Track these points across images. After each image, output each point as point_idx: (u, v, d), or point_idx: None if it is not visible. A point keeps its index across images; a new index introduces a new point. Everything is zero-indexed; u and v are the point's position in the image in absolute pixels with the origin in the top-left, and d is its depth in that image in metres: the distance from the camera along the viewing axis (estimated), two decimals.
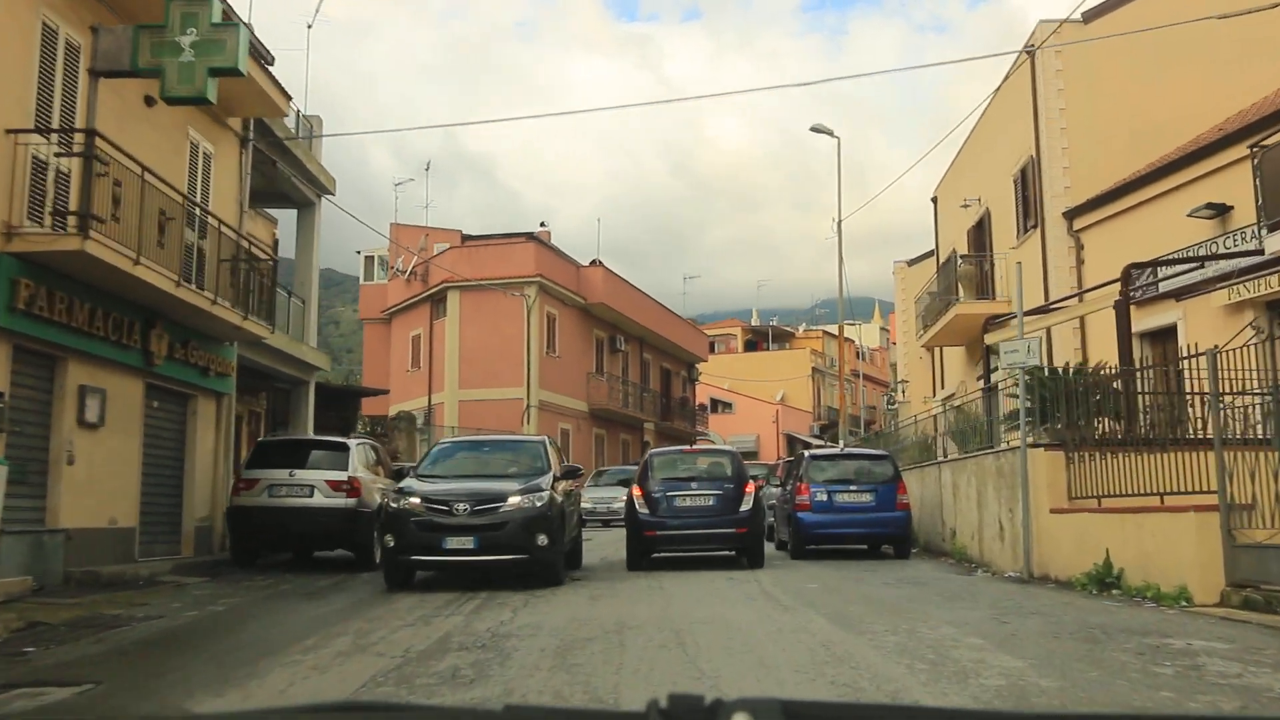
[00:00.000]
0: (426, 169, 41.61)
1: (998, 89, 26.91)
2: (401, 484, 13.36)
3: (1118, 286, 17.51)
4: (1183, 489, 10.12)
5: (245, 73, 11.89)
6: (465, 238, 42.56)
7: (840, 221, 30.05)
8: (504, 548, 12.34)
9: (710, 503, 16.35)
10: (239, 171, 18.82)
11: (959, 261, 27.04)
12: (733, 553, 16.80)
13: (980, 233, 28.72)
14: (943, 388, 34.61)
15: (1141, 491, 10.84)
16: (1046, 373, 13.73)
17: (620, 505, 26.88)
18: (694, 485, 16.71)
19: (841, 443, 27.26)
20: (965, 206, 29.23)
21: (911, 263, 44.43)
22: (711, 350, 71.70)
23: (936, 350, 35.22)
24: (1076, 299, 20.66)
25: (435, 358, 39.15)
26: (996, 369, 20.00)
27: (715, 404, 70.69)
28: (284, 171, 20.89)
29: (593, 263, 42.25)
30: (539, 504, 12.68)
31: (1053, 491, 12.73)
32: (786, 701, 1.16)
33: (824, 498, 16.73)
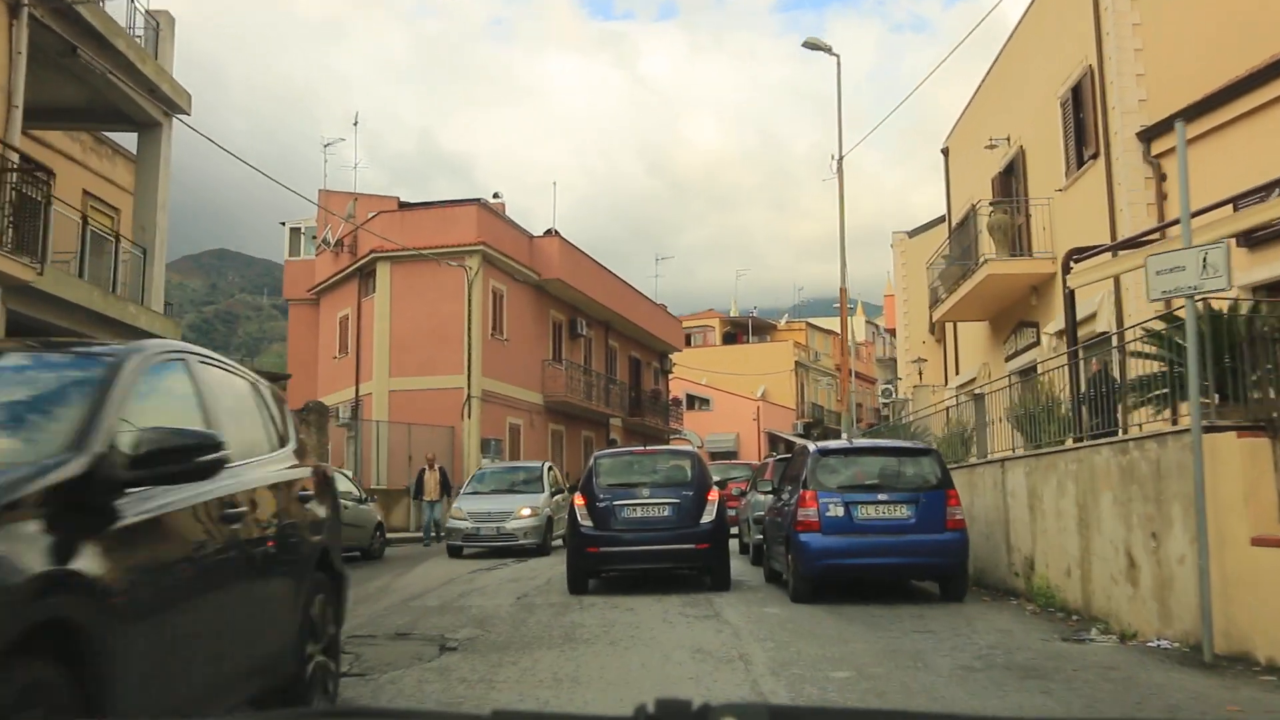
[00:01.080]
0: (355, 124, 35.83)
1: (1030, 5, 21.73)
2: None
3: (1229, 210, 12.26)
4: None
5: None
6: (403, 205, 36.98)
7: (841, 158, 24.67)
8: None
9: (666, 514, 13.69)
10: (7, 50, 13.30)
11: (988, 210, 21.74)
12: (694, 570, 14.29)
13: (1010, 179, 23.46)
14: (957, 374, 29.35)
15: None
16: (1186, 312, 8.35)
17: (518, 525, 20.40)
18: (646, 493, 13.97)
19: (846, 435, 22.00)
20: (991, 147, 23.95)
21: (913, 233, 39.17)
22: (688, 343, 66.56)
23: (950, 330, 29.97)
24: (1159, 235, 15.42)
25: (364, 342, 33.62)
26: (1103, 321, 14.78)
27: (691, 400, 65.41)
28: (92, 66, 15.35)
29: (547, 233, 36.78)
30: None
31: (1256, 507, 7.37)
32: (774, 706, 1.21)
33: (839, 512, 11.32)
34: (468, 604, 12.30)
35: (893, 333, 49.83)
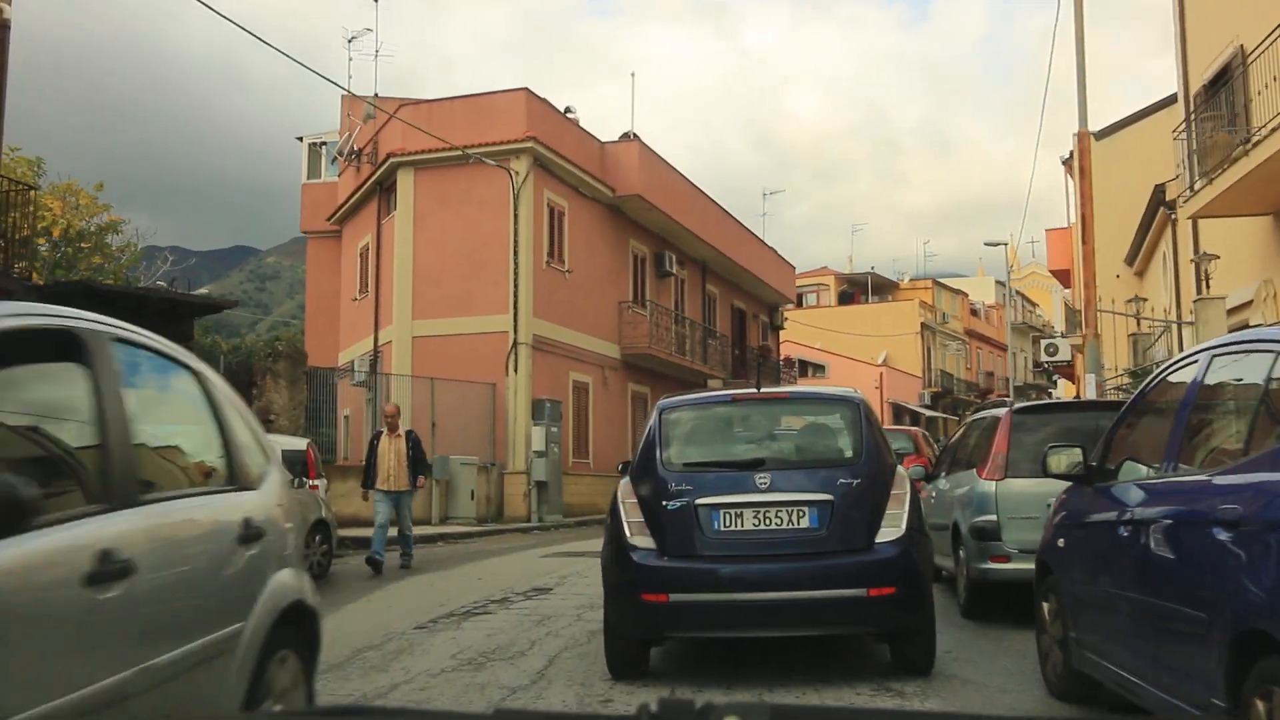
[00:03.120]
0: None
1: None
2: None
3: None
4: None
5: None
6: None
7: None
8: None
9: (804, 523, 6.32)
10: None
11: None
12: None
13: None
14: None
15: None
16: None
17: None
18: (764, 480, 6.40)
19: (1091, 383, 13.40)
20: None
21: (1102, 135, 30.04)
22: (799, 304, 58.40)
23: (1186, 240, 21.03)
24: None
25: (384, 276, 25.89)
26: None
27: (805, 366, 57.00)
28: None
29: (624, 136, 28.57)
30: None
31: None
32: (776, 706, 1.16)
33: None
34: None
35: (1062, 278, 40.44)
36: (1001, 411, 9.06)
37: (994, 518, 8.32)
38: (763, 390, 7.19)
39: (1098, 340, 14.62)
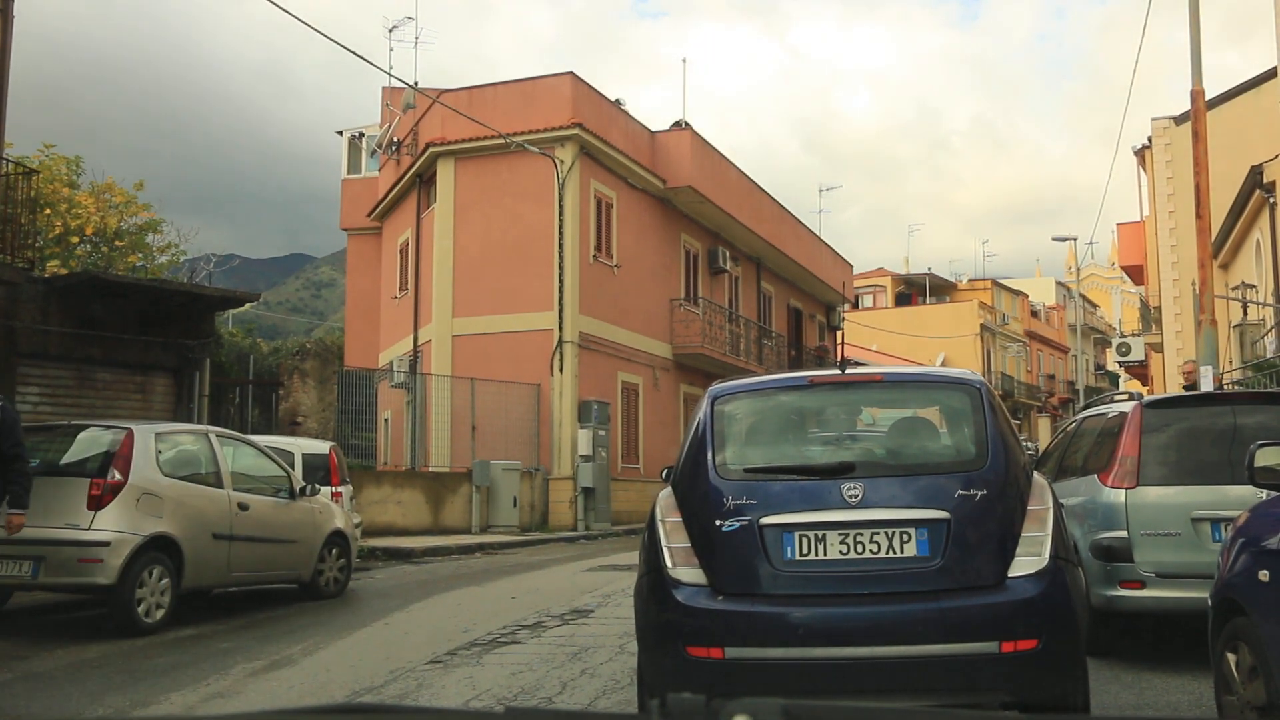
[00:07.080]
0: None
1: None
2: None
3: None
4: None
5: None
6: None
7: None
8: None
9: (909, 549, 4.56)
10: None
11: None
12: None
13: None
14: None
15: None
16: None
17: None
18: (854, 491, 4.63)
19: (1207, 375, 11.77)
20: None
21: (1182, 119, 28.23)
22: (855, 306, 56.90)
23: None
24: None
25: (424, 272, 24.73)
26: None
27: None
28: None
29: (676, 125, 27.18)
30: None
31: None
32: (786, 703, 1.20)
33: None
34: None
35: (1134, 274, 38.46)
36: (1124, 405, 7.56)
37: (1123, 534, 6.86)
38: (848, 372, 5.42)
39: (1214, 328, 13.01)
